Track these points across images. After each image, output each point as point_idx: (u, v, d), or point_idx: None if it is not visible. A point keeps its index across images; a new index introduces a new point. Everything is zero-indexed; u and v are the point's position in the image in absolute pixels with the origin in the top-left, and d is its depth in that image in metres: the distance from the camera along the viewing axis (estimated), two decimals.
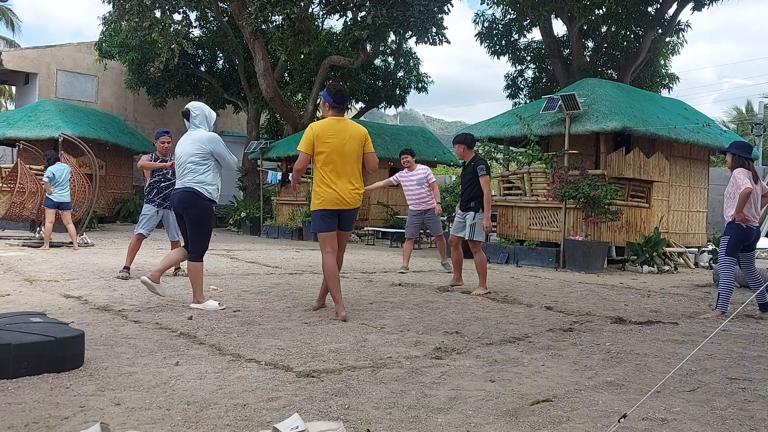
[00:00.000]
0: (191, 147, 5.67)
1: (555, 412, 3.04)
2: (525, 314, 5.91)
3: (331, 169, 5.32)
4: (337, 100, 5.42)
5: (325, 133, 5.32)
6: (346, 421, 2.79)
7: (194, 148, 5.66)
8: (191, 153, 5.65)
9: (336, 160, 5.30)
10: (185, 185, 5.63)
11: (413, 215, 9.40)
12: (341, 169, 5.32)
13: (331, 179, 5.32)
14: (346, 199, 5.35)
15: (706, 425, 2.92)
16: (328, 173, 5.33)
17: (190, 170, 5.64)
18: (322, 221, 5.42)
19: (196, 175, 5.63)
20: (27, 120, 18.05)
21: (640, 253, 11.17)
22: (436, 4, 17.14)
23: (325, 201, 5.36)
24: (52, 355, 3.41)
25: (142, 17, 17.24)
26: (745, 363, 4.20)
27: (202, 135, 5.73)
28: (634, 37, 20.04)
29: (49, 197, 11.15)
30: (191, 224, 5.66)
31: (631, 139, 12.07)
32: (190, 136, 5.78)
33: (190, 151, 5.66)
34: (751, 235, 6.28)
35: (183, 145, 5.75)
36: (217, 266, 9.20)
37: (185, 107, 5.88)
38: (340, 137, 5.32)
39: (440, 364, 3.89)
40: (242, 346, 4.20)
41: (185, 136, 5.82)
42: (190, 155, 5.64)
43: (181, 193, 5.64)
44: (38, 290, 6.35)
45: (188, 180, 5.63)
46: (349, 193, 5.35)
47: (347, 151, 5.33)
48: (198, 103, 5.96)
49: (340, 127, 5.37)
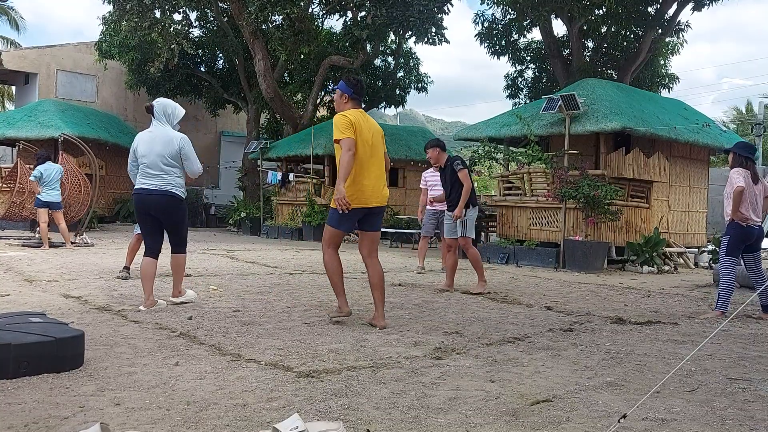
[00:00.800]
0: (162, 147, 5.43)
1: (555, 412, 3.04)
2: (525, 314, 5.90)
3: (361, 164, 4.88)
4: (356, 91, 5.10)
5: (358, 123, 4.89)
6: (346, 421, 2.79)
7: (165, 148, 5.44)
8: (162, 153, 5.43)
9: (367, 154, 4.91)
10: (163, 189, 5.43)
11: (431, 214, 9.33)
12: (371, 164, 4.93)
13: (362, 174, 4.89)
14: (376, 196, 4.96)
15: (706, 425, 2.92)
16: (366, 166, 4.91)
17: (165, 172, 5.44)
18: (340, 218, 4.91)
19: (171, 177, 5.47)
20: (27, 120, 18.05)
21: (640, 254, 11.17)
22: (436, 4, 17.14)
23: (351, 198, 4.82)
24: (52, 355, 3.41)
25: (142, 17, 17.25)
26: (745, 363, 4.20)
27: (172, 134, 5.53)
28: (634, 37, 20.05)
29: (38, 197, 11.16)
30: (175, 226, 5.64)
31: (631, 139, 12.08)
32: (157, 133, 5.52)
33: (161, 151, 5.43)
34: (752, 235, 6.26)
35: (151, 143, 5.47)
36: (217, 266, 9.20)
37: (150, 102, 5.70)
38: (370, 130, 4.98)
39: (440, 364, 3.89)
40: (242, 346, 4.20)
41: (151, 134, 5.54)
42: (161, 155, 5.42)
43: (159, 197, 5.44)
44: (38, 290, 6.35)
45: (165, 183, 5.44)
46: (379, 190, 4.98)
47: (375, 145, 4.99)
48: (164, 99, 5.75)
49: (366, 120, 5.01)
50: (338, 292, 5.05)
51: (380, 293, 5.04)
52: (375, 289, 5.06)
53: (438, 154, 7.36)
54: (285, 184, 18.21)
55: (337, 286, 5.05)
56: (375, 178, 4.96)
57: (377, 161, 4.99)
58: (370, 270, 5.07)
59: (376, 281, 5.04)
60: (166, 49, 17.91)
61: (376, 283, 5.04)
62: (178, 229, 5.67)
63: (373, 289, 5.07)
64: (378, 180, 4.99)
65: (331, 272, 5.03)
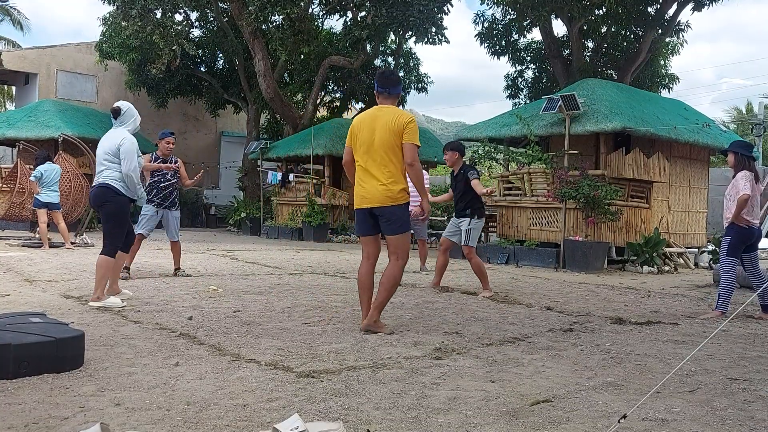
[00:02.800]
0: (107, 144, 5.80)
1: (555, 412, 3.04)
2: (525, 315, 5.90)
3: (360, 164, 4.82)
4: (379, 83, 4.94)
5: (357, 125, 4.87)
6: (346, 421, 2.79)
7: (109, 145, 5.77)
8: (105, 150, 5.77)
9: (364, 153, 4.78)
10: (100, 181, 5.76)
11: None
12: (369, 162, 4.76)
13: (359, 175, 4.83)
14: (372, 195, 4.74)
15: (706, 425, 2.92)
16: (357, 169, 4.86)
17: (105, 167, 5.75)
18: (356, 223, 4.96)
19: (109, 171, 5.74)
20: (27, 120, 18.05)
21: (640, 254, 11.17)
22: (436, 4, 17.15)
23: (355, 199, 4.90)
24: (52, 356, 3.41)
25: (145, 20, 17.26)
26: (745, 363, 4.20)
27: (120, 133, 5.83)
28: (634, 37, 20.05)
29: (37, 197, 11.17)
30: (105, 218, 5.82)
31: (631, 139, 12.08)
32: (109, 133, 5.91)
33: (105, 148, 5.78)
34: (752, 235, 6.26)
35: (102, 141, 5.89)
36: (217, 266, 9.21)
37: (115, 105, 6.01)
38: (371, 128, 4.77)
39: (440, 364, 3.89)
40: (242, 346, 4.20)
41: (107, 134, 5.94)
42: (105, 152, 5.77)
43: (97, 189, 5.77)
44: (38, 290, 6.35)
45: (103, 177, 5.74)
46: (374, 189, 4.73)
47: (377, 142, 4.73)
48: (128, 104, 6.07)
49: (374, 117, 4.81)
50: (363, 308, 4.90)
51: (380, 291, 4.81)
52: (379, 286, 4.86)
53: (456, 159, 7.30)
54: (285, 185, 18.21)
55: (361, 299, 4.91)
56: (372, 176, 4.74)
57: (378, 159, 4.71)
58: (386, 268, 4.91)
59: (382, 279, 4.85)
60: (167, 50, 17.91)
61: (381, 281, 4.86)
62: (108, 223, 5.82)
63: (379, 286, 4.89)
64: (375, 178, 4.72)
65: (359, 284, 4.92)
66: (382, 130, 4.72)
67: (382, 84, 4.93)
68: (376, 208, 4.77)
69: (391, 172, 4.73)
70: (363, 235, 4.94)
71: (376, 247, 4.94)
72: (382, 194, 4.72)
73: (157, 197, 7.66)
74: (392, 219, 4.77)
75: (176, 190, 7.88)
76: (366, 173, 4.79)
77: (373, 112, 4.88)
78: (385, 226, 4.81)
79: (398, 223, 4.78)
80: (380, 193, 4.72)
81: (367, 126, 4.81)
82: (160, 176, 7.73)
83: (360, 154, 4.82)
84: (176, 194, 7.89)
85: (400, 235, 4.81)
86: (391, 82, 4.95)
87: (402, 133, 4.69)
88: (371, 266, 4.92)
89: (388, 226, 4.80)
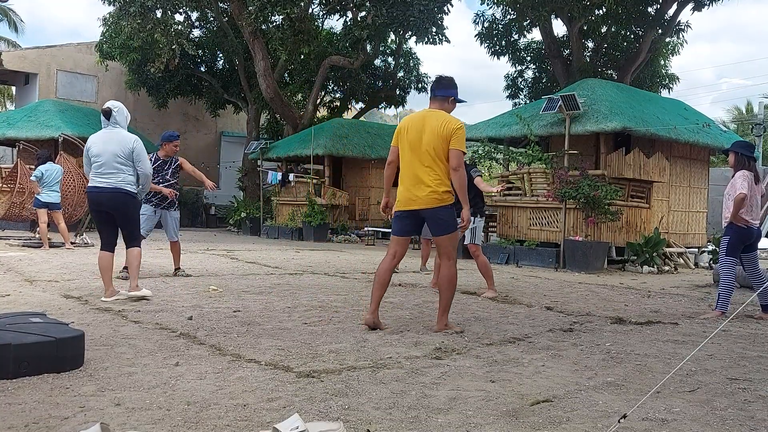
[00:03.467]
0: (116, 147, 5.78)
1: (555, 412, 3.04)
2: (525, 314, 5.90)
3: (405, 166, 4.84)
4: (432, 86, 4.98)
5: (404, 127, 4.89)
6: (346, 421, 2.79)
7: (120, 148, 5.78)
8: (116, 153, 5.76)
9: (410, 156, 4.80)
10: (116, 187, 5.75)
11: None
12: (415, 164, 4.77)
13: (403, 177, 4.86)
14: (419, 198, 4.77)
15: (707, 425, 2.91)
16: (402, 170, 4.88)
17: (119, 170, 5.77)
18: (394, 222, 5.02)
19: (124, 175, 5.79)
20: (27, 120, 18.04)
21: (640, 254, 11.17)
22: (436, 4, 17.16)
23: (399, 201, 4.91)
24: (52, 356, 3.41)
25: (145, 19, 17.26)
26: (745, 363, 4.20)
27: (127, 135, 5.87)
28: (634, 37, 20.06)
29: (37, 197, 11.17)
30: (127, 221, 5.91)
31: (631, 139, 12.08)
32: (111, 135, 5.86)
33: (116, 151, 5.77)
34: (752, 235, 6.26)
35: (105, 144, 5.81)
36: (217, 266, 9.20)
37: (106, 106, 6.01)
38: (419, 130, 4.77)
39: (440, 364, 3.89)
40: (242, 346, 4.19)
41: (105, 135, 5.88)
42: (116, 155, 5.76)
43: (113, 194, 5.76)
44: (38, 290, 6.35)
45: (118, 181, 5.76)
46: (422, 191, 4.75)
47: (423, 145, 4.74)
48: (118, 103, 6.07)
49: (422, 120, 4.82)
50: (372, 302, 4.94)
51: (442, 295, 4.95)
52: (439, 290, 5.06)
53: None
54: (285, 185, 18.21)
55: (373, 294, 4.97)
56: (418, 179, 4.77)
57: (424, 162, 4.74)
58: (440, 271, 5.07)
59: (440, 282, 5.02)
60: (167, 50, 17.92)
61: (439, 284, 5.03)
62: (131, 224, 5.96)
63: (439, 290, 5.08)
64: (421, 181, 4.75)
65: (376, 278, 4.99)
66: (431, 134, 4.74)
67: (433, 87, 4.99)
68: (424, 210, 4.81)
69: (437, 174, 4.76)
70: (399, 235, 5.00)
71: (405, 248, 5.05)
72: (430, 196, 4.76)
73: (156, 197, 7.66)
74: (440, 220, 4.82)
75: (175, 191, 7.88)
76: (412, 175, 4.81)
77: (423, 114, 4.91)
78: (434, 228, 4.89)
79: (446, 224, 4.84)
80: (428, 196, 4.76)
81: (415, 127, 4.82)
82: (159, 177, 7.71)
83: (405, 155, 4.85)
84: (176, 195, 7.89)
85: (448, 235, 4.88)
86: (441, 85, 4.96)
87: (450, 139, 4.72)
88: (394, 265, 5.00)
89: (436, 227, 4.86)
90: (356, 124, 20.59)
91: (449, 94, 4.96)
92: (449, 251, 4.91)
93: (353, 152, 17.94)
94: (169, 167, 7.78)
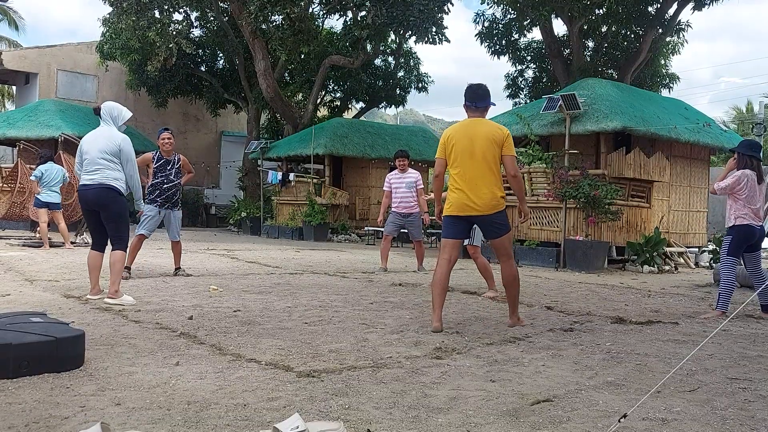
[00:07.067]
0: (103, 144, 5.74)
1: (555, 412, 3.04)
2: (525, 314, 5.90)
3: (459, 173, 4.95)
4: (467, 97, 5.08)
5: (451, 136, 5.03)
6: (347, 421, 2.79)
7: (106, 145, 5.73)
8: (102, 149, 5.71)
9: (465, 162, 4.93)
10: (101, 183, 5.67)
11: (396, 216, 9.41)
12: (471, 171, 4.91)
13: (459, 183, 4.96)
14: (475, 204, 4.92)
15: (707, 425, 2.91)
16: (456, 177, 4.99)
17: (104, 166, 5.70)
18: (446, 227, 5.11)
19: (110, 171, 5.72)
20: (27, 120, 18.06)
21: (640, 253, 11.17)
22: (436, 4, 17.16)
23: (452, 206, 5.01)
24: (53, 355, 3.41)
25: (140, 16, 17.25)
26: (746, 363, 4.19)
27: (115, 133, 5.83)
28: (634, 36, 20.05)
29: (37, 197, 11.18)
30: (111, 218, 5.75)
31: (631, 139, 12.08)
32: (101, 132, 5.86)
33: (102, 147, 5.72)
34: (754, 235, 6.24)
35: (94, 141, 5.80)
36: (217, 266, 9.21)
37: (98, 105, 6.03)
38: (469, 138, 4.93)
39: (440, 364, 3.89)
40: (242, 346, 4.20)
41: (95, 133, 5.89)
42: (101, 152, 5.70)
43: (98, 190, 5.68)
44: (38, 290, 6.35)
45: (103, 177, 5.69)
46: (480, 198, 4.91)
47: (477, 152, 4.90)
48: (111, 103, 6.07)
49: (471, 128, 4.99)
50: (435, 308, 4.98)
51: (509, 292, 5.22)
52: (505, 289, 5.27)
53: None
54: (285, 184, 18.22)
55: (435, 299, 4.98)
56: (476, 185, 4.90)
57: (481, 168, 4.90)
58: (501, 271, 5.22)
59: (504, 281, 5.21)
60: (164, 48, 17.91)
61: (504, 283, 5.21)
62: (116, 223, 5.78)
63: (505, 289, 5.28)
64: (480, 187, 4.90)
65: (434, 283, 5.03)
66: (483, 141, 4.91)
67: (469, 98, 5.07)
68: (480, 216, 4.98)
69: (493, 180, 4.95)
70: (452, 238, 5.10)
71: (458, 251, 5.19)
72: (489, 203, 4.94)
73: (160, 197, 7.64)
74: (497, 224, 5.02)
75: (179, 191, 7.87)
76: (468, 181, 4.93)
77: (467, 123, 5.05)
78: (492, 232, 5.07)
79: (503, 226, 5.07)
80: (487, 203, 4.94)
81: (464, 136, 4.97)
82: (163, 177, 7.68)
83: (458, 163, 4.96)
84: (179, 195, 7.88)
85: (505, 236, 5.09)
86: (478, 96, 5.07)
87: (502, 145, 4.94)
88: (450, 269, 5.08)
89: (495, 231, 5.05)
90: (356, 123, 20.59)
91: (488, 104, 5.14)
92: (509, 250, 5.16)
93: (353, 152, 17.93)
94: (172, 167, 7.75)
